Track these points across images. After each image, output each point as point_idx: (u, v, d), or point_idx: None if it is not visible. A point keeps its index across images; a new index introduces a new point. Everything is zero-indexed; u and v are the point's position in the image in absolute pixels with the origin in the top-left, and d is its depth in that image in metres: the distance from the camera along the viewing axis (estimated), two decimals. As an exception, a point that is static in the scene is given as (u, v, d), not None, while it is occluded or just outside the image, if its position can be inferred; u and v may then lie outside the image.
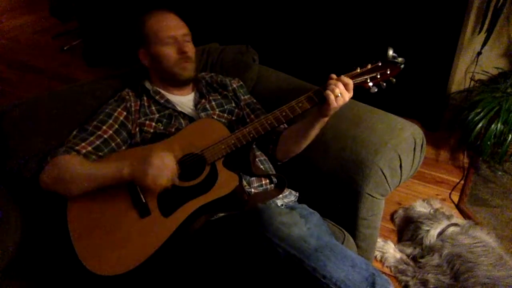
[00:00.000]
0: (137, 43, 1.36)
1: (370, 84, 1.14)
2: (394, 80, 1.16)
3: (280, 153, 1.35)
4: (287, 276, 0.97)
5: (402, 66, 1.14)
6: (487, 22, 2.08)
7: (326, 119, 1.19)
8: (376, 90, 1.15)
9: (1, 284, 1.13)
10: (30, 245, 1.22)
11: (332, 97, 1.09)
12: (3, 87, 3.07)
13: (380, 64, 1.15)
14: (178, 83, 1.38)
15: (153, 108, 1.34)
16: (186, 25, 1.38)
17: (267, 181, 1.28)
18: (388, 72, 1.14)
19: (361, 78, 1.15)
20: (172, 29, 1.32)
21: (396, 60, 1.14)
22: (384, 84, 1.15)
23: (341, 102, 1.11)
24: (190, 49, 1.35)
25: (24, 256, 1.20)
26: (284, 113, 1.16)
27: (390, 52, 1.13)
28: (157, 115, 1.32)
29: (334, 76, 1.14)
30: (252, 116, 1.41)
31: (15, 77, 3.21)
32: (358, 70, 1.15)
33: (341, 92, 1.10)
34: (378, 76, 1.14)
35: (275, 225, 0.97)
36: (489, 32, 2.09)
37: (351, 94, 1.13)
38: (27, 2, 4.59)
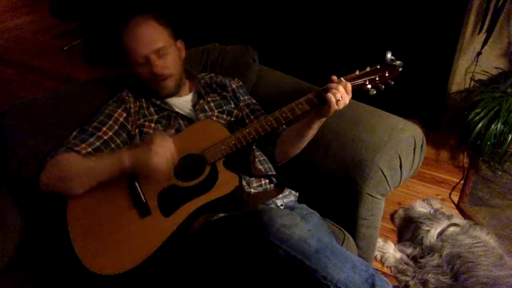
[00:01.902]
0: (123, 56, 1.31)
1: (369, 86, 1.15)
2: (393, 83, 1.16)
3: (278, 155, 1.35)
4: (287, 278, 0.97)
5: (401, 69, 1.15)
6: (487, 22, 2.08)
7: (324, 119, 1.20)
8: (375, 92, 1.16)
9: (1, 284, 1.14)
10: (30, 245, 1.22)
11: (333, 100, 1.10)
12: (3, 87, 3.06)
13: (378, 67, 1.15)
14: (164, 96, 1.35)
15: (152, 109, 1.33)
16: (165, 31, 1.28)
17: (267, 181, 1.28)
18: (387, 75, 1.15)
19: (360, 80, 1.15)
20: (143, 47, 1.24)
21: (394, 63, 1.14)
22: (383, 86, 1.16)
23: (342, 105, 1.12)
24: (167, 63, 1.27)
25: (24, 256, 1.20)
26: (284, 115, 1.16)
27: (389, 55, 1.14)
28: (156, 116, 1.32)
29: (335, 78, 1.14)
30: (252, 117, 1.41)
31: (15, 77, 3.21)
32: (357, 73, 1.16)
33: (341, 95, 1.11)
34: (377, 79, 1.15)
35: (276, 227, 0.97)
36: (489, 32, 2.09)
37: (350, 96, 1.13)
38: (27, 2, 4.59)
